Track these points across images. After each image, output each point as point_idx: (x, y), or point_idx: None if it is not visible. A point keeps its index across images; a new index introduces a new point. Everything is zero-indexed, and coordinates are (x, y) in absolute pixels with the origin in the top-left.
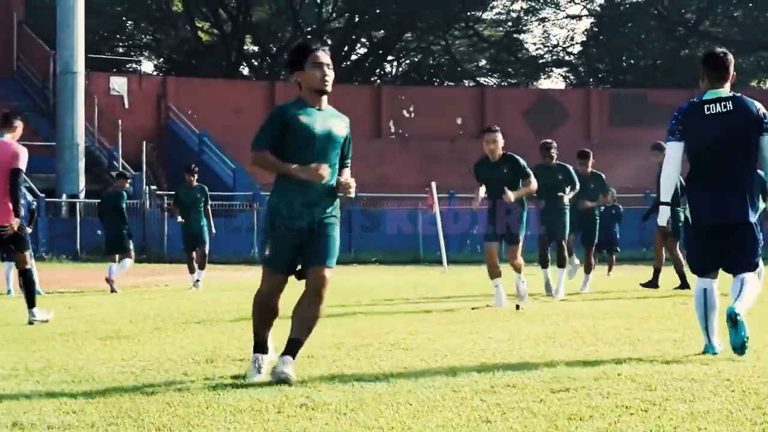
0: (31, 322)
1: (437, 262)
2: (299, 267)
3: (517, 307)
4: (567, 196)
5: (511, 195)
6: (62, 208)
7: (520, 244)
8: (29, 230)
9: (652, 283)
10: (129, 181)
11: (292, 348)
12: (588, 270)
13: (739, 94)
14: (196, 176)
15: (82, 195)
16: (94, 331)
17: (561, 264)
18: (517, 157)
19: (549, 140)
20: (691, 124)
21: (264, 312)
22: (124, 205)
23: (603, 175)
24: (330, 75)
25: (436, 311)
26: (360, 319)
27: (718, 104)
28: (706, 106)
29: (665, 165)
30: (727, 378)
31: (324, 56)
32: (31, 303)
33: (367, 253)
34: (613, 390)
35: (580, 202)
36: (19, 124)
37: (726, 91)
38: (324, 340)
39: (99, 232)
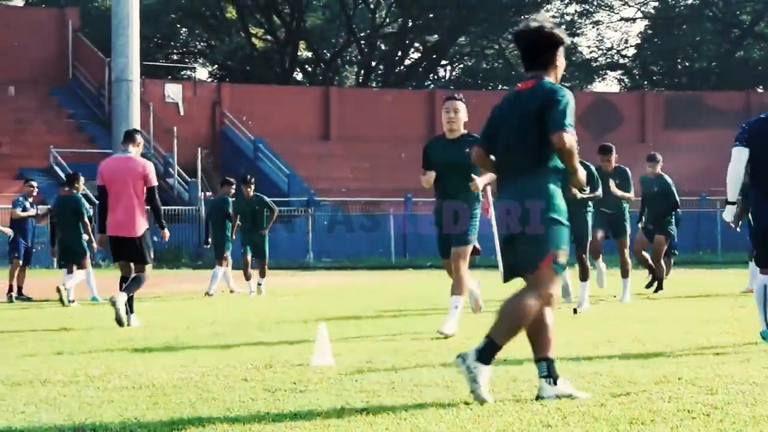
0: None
1: (493, 267)
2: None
3: (575, 311)
4: (580, 194)
5: (479, 182)
6: None
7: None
8: (86, 237)
9: (659, 286)
10: (233, 187)
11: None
12: (584, 278)
13: None
14: (252, 186)
15: None
16: (152, 337)
17: (583, 277)
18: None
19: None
20: (758, 134)
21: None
22: (230, 211)
23: (628, 171)
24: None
25: (492, 316)
26: (418, 324)
27: None
28: None
29: (731, 166)
30: None
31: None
32: (129, 306)
33: (422, 258)
34: (674, 394)
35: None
36: (141, 140)
37: None
38: (382, 346)
39: (208, 241)
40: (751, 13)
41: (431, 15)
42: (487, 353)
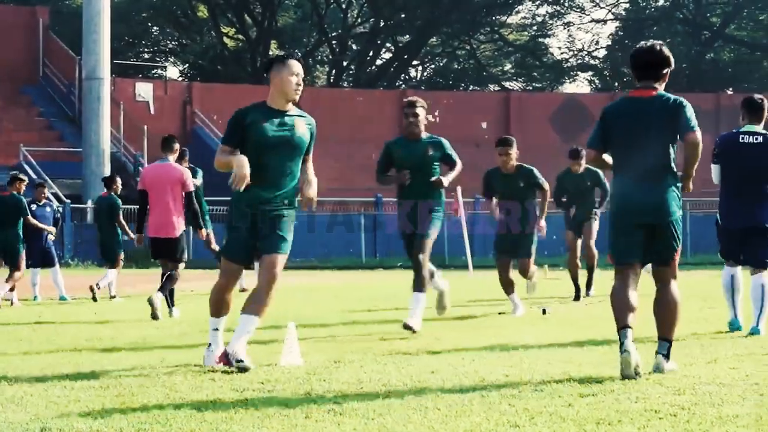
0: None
1: (463, 267)
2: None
3: (544, 311)
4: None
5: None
6: (88, 214)
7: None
8: (53, 237)
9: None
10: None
11: None
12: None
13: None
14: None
15: None
16: (121, 337)
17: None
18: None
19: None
20: (725, 147)
21: None
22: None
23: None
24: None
25: (462, 316)
26: (387, 324)
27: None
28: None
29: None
30: (755, 382)
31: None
32: (171, 302)
33: (393, 259)
34: (641, 394)
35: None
36: (177, 147)
37: (760, 128)
38: (351, 346)
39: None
40: (721, 15)
41: (403, 15)
42: (669, 351)
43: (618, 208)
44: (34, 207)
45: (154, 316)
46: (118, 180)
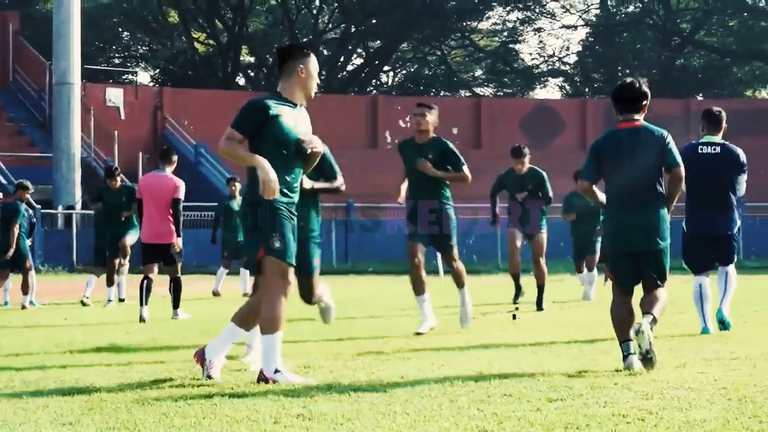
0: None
1: (434, 272)
2: None
3: (514, 317)
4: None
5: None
6: (58, 220)
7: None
8: (29, 242)
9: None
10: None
11: None
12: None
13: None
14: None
15: (79, 206)
16: (90, 342)
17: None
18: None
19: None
20: (688, 160)
21: None
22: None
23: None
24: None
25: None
26: (356, 329)
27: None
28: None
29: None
30: (723, 386)
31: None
32: (176, 304)
33: (364, 264)
34: (610, 399)
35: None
36: (175, 159)
37: (718, 138)
38: (321, 351)
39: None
40: (691, 22)
41: (374, 21)
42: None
43: (614, 236)
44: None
45: (141, 319)
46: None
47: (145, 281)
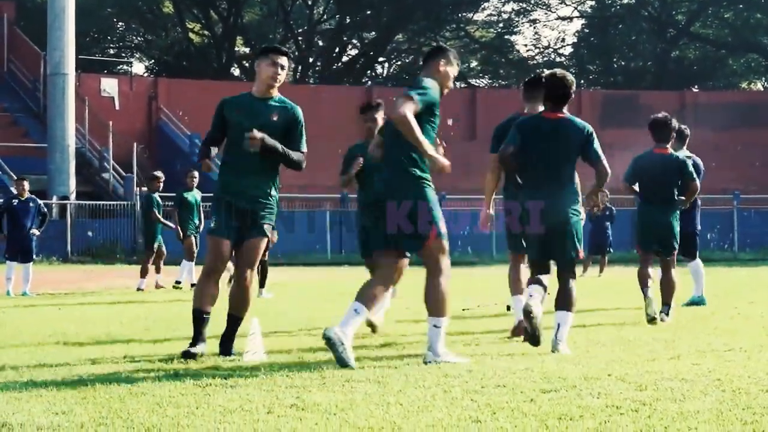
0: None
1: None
2: None
3: (508, 308)
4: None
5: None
6: (53, 210)
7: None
8: (38, 233)
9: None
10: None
11: None
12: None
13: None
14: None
15: (73, 196)
16: (84, 332)
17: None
18: None
19: None
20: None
21: None
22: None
23: None
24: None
25: (426, 312)
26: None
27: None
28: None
29: None
30: (717, 378)
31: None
32: (262, 284)
33: (358, 255)
34: (603, 390)
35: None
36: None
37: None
38: (314, 341)
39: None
40: (686, 13)
41: (369, 12)
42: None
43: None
44: (16, 202)
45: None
46: (161, 178)
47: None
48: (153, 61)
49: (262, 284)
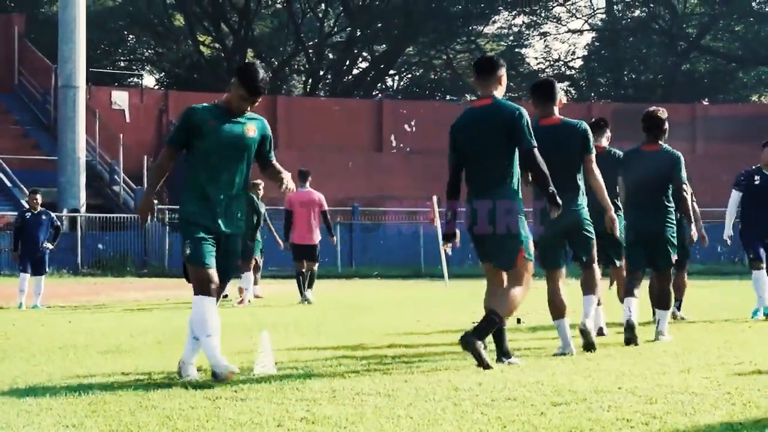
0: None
1: (438, 276)
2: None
3: (518, 320)
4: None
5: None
6: (63, 223)
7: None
8: (51, 246)
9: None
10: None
11: None
12: None
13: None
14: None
15: (83, 209)
16: (94, 344)
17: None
18: None
19: None
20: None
21: None
22: None
23: None
24: None
25: (437, 325)
26: (360, 333)
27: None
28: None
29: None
30: (727, 391)
31: None
32: (309, 285)
33: (369, 268)
34: (614, 403)
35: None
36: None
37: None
38: (324, 354)
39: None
40: (697, 27)
41: (379, 25)
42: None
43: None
44: (28, 215)
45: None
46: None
47: (299, 276)
48: (164, 73)
49: (310, 285)
